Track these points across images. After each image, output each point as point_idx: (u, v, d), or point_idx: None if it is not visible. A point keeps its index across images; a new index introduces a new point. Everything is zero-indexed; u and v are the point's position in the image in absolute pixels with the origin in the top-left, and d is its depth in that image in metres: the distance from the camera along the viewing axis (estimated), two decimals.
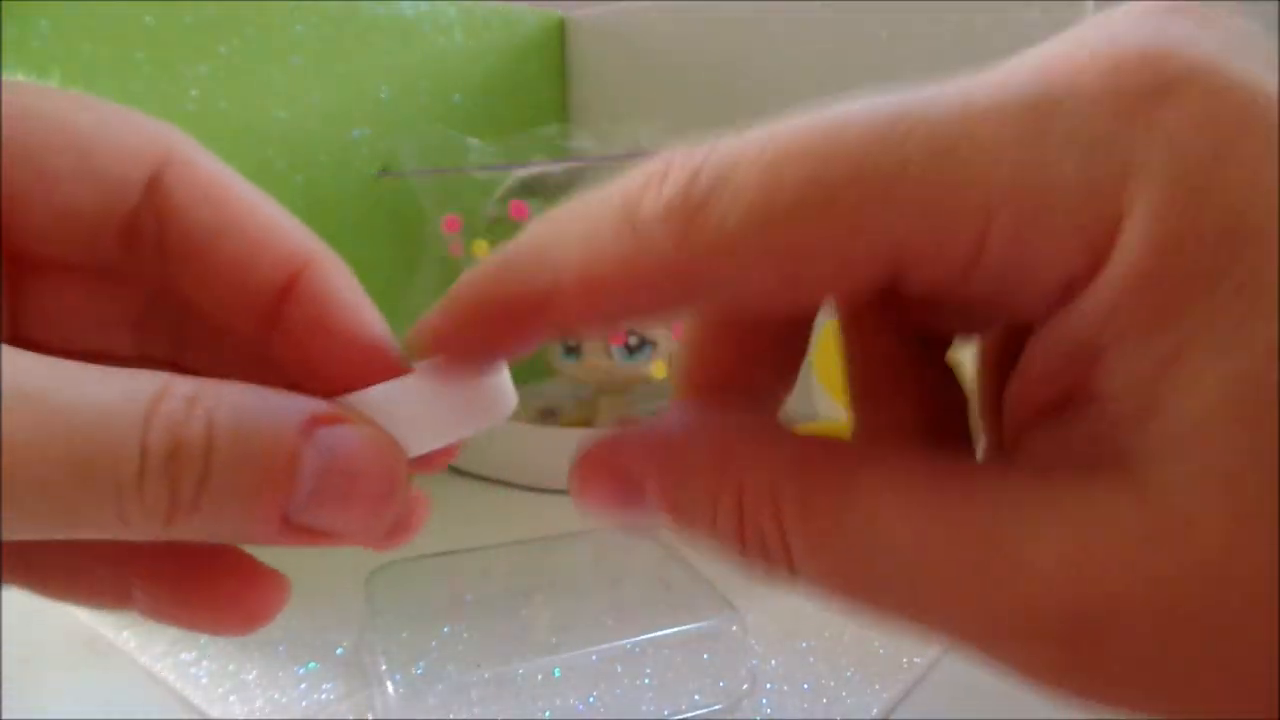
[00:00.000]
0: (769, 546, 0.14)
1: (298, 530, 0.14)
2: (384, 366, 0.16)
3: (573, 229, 0.14)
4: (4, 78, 0.19)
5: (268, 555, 0.40)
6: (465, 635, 0.29)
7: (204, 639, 0.34)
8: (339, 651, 0.33)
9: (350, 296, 0.17)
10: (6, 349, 0.13)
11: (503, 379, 0.18)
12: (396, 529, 0.18)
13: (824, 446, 0.14)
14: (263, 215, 0.17)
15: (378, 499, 0.15)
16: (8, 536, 0.13)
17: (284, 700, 0.30)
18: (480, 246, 0.48)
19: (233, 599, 0.17)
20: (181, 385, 0.13)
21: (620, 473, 0.16)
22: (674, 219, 0.13)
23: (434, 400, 0.16)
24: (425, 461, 0.16)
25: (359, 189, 0.47)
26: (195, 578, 0.17)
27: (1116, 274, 0.11)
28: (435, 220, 0.48)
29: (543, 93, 0.57)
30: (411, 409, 0.16)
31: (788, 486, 0.13)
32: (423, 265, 0.49)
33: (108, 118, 0.16)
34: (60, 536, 0.13)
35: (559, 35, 0.58)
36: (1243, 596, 0.11)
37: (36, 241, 0.16)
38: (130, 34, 0.37)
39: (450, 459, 0.18)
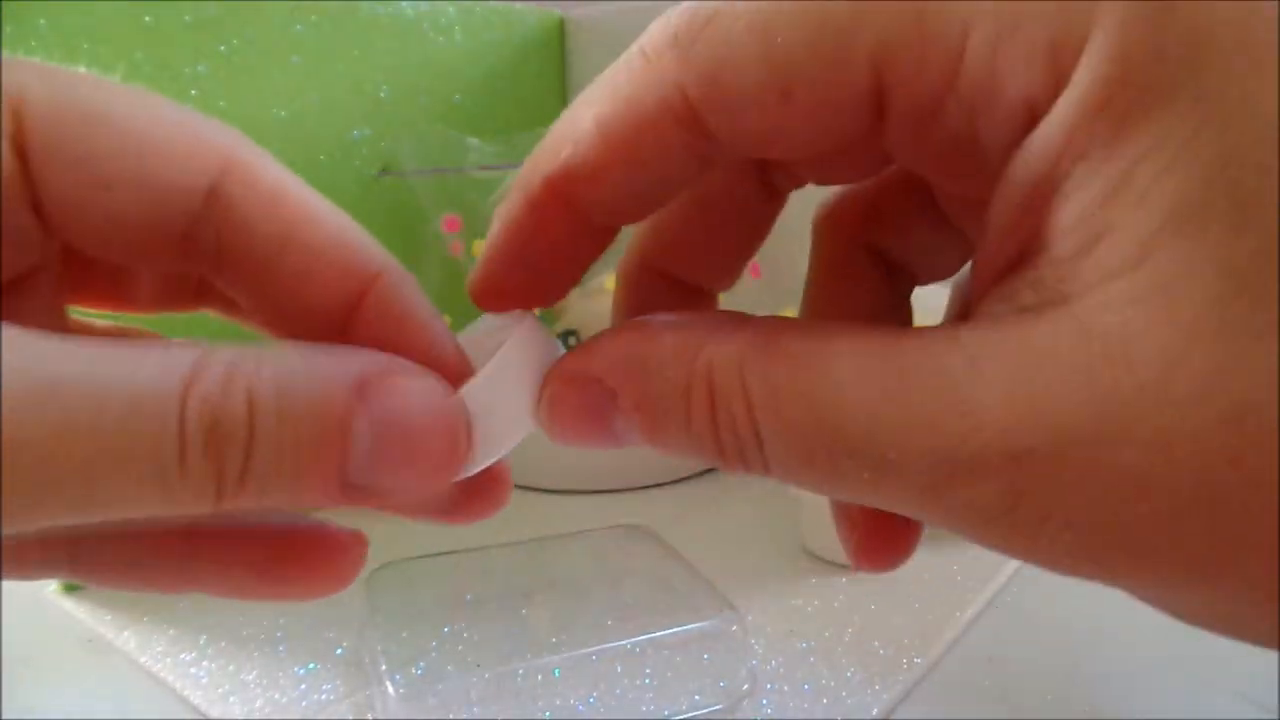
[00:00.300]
0: (740, 433, 0.14)
1: (359, 491, 0.14)
2: (455, 382, 0.16)
3: (591, 93, 0.14)
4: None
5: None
6: (465, 635, 0.29)
7: (203, 639, 0.34)
8: (339, 651, 0.33)
9: (420, 313, 0.16)
10: (32, 333, 0.12)
11: (555, 349, 0.18)
12: (475, 500, 0.18)
13: (786, 324, 0.14)
14: (329, 227, 0.16)
15: (440, 455, 0.14)
16: (51, 523, 0.12)
17: (284, 700, 0.30)
18: (480, 246, 0.48)
19: (314, 563, 0.17)
20: (218, 356, 0.13)
21: (590, 383, 0.16)
22: (681, 40, 0.13)
23: (504, 390, 0.16)
24: (492, 483, 0.16)
25: (359, 189, 0.47)
26: (267, 549, 0.16)
27: (1076, 93, 0.11)
28: (435, 220, 0.48)
29: (543, 93, 0.57)
30: (485, 401, 0.15)
31: (754, 362, 0.13)
32: (423, 265, 0.49)
33: (168, 120, 0.15)
34: (108, 518, 0.13)
35: (559, 35, 0.58)
36: (1182, 418, 0.10)
37: (92, 245, 0.15)
38: (129, 33, 0.37)
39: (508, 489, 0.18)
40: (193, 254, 0.16)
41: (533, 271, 0.16)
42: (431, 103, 0.50)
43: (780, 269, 0.50)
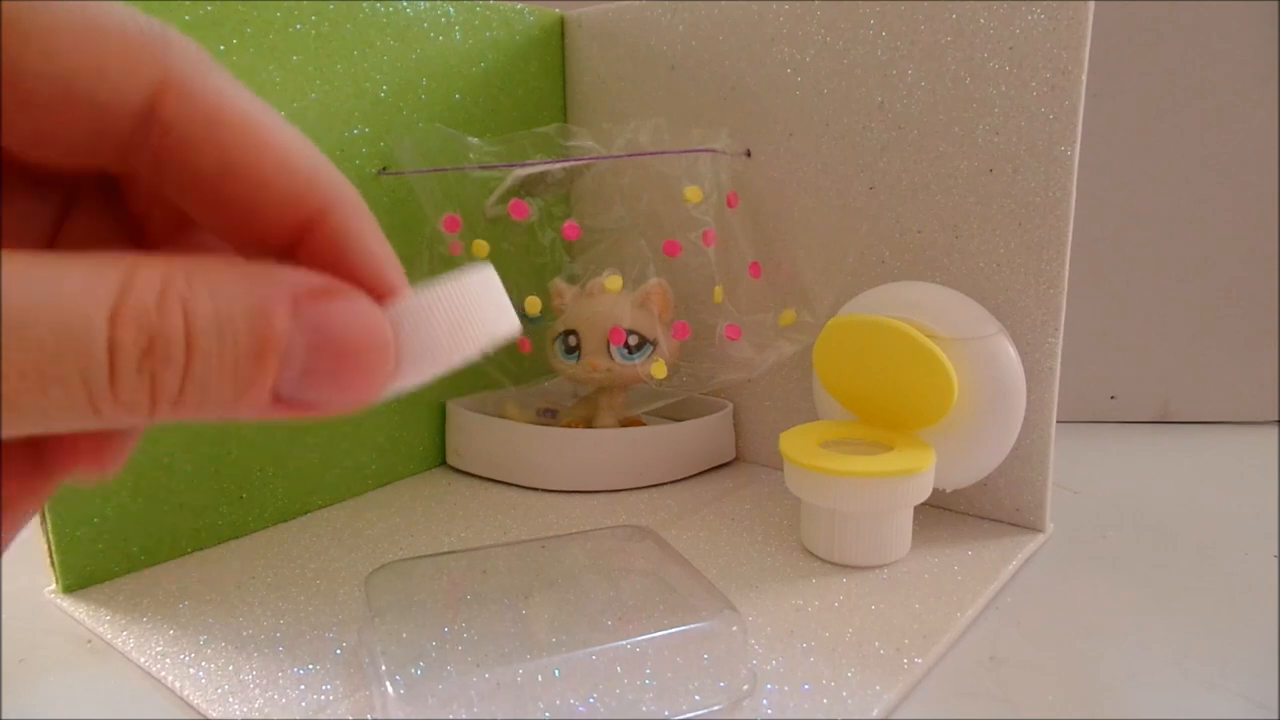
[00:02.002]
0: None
1: (288, 405, 0.14)
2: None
3: None
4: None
5: (264, 551, 0.39)
6: (465, 635, 0.29)
7: (203, 639, 0.34)
8: (338, 651, 0.33)
9: (368, 242, 0.16)
10: None
11: (498, 297, 0.17)
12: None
13: None
14: (273, 155, 0.15)
15: (371, 373, 0.15)
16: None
17: (283, 700, 0.30)
18: (480, 246, 0.48)
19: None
20: (150, 269, 0.13)
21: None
22: None
23: (432, 320, 0.16)
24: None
25: (359, 188, 0.47)
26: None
27: None
28: (435, 219, 0.48)
29: (542, 92, 0.57)
30: (414, 322, 0.16)
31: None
32: (422, 264, 0.49)
33: (101, 26, 0.14)
34: (33, 433, 0.12)
35: (559, 34, 0.58)
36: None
37: (19, 155, 0.15)
38: None
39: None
40: (130, 172, 0.16)
41: None
42: (431, 102, 0.50)
43: (780, 269, 0.50)
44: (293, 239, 0.16)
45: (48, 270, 0.12)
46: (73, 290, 0.12)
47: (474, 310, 0.16)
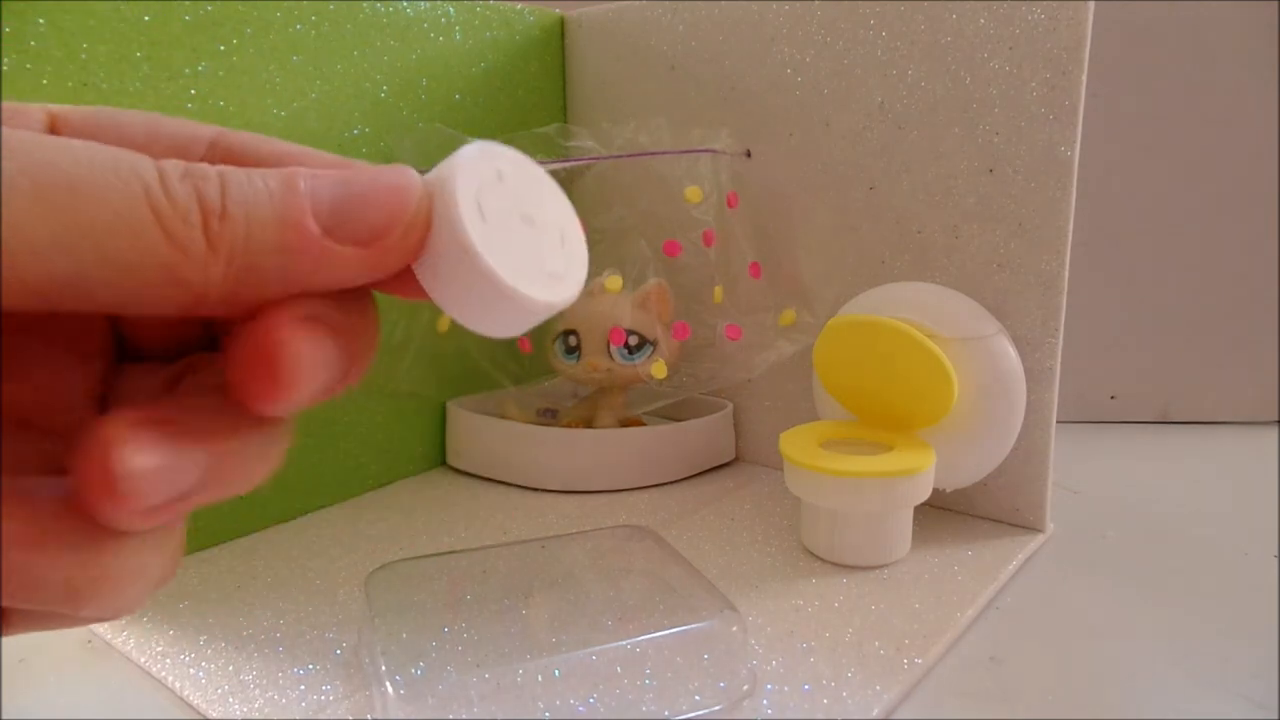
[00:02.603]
0: None
1: (337, 235, 0.15)
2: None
3: None
4: (1, 78, 0.19)
5: (264, 551, 0.40)
6: (465, 635, 0.29)
7: (203, 639, 0.34)
8: (338, 652, 0.33)
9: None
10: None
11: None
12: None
13: None
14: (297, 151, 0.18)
15: (391, 216, 0.16)
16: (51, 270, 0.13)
17: (283, 701, 0.30)
18: None
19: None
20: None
21: None
22: None
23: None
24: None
25: None
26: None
27: None
28: None
29: (543, 92, 0.57)
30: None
31: None
32: None
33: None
34: (106, 267, 0.13)
35: (559, 34, 0.58)
36: None
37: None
38: (128, 32, 0.37)
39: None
40: None
41: None
42: (431, 101, 0.50)
43: (780, 269, 0.50)
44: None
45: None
46: (118, 151, 0.14)
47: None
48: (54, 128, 0.17)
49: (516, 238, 0.17)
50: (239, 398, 0.15)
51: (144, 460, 0.14)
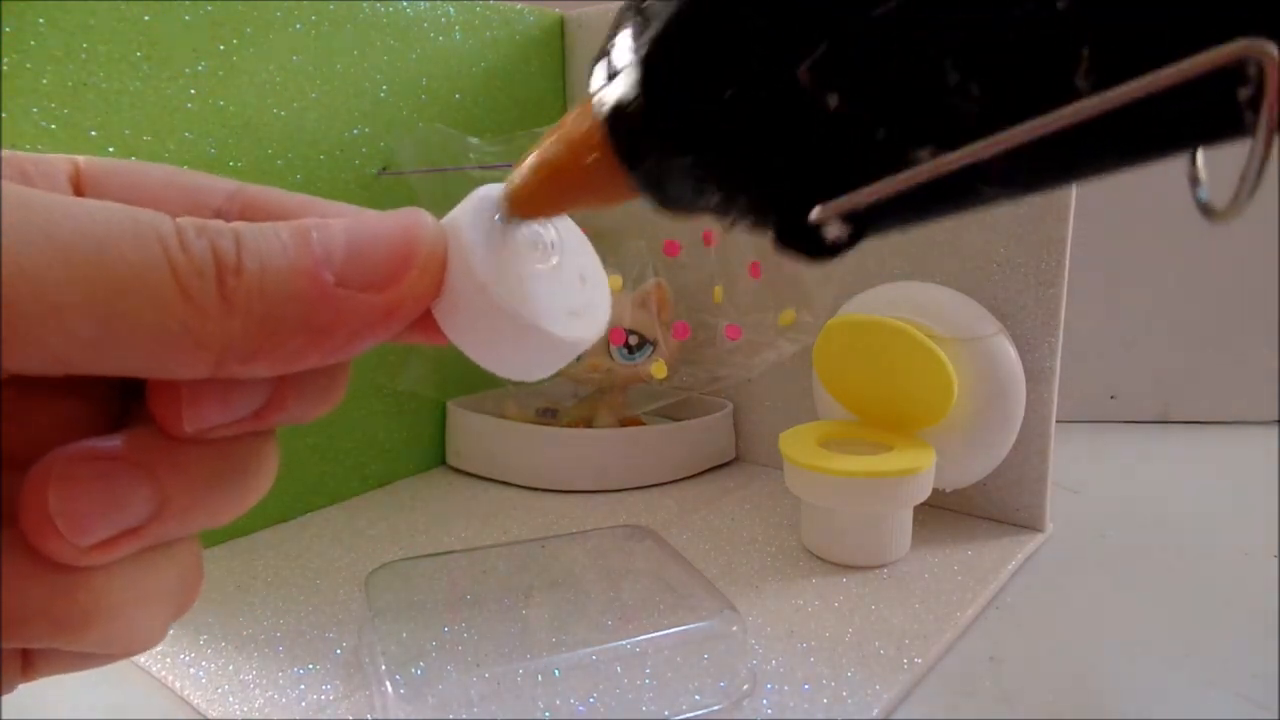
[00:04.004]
0: None
1: (348, 284, 0.15)
2: None
3: None
4: (2, 78, 0.19)
5: (264, 551, 0.40)
6: (465, 635, 0.29)
7: (203, 639, 0.34)
8: (338, 651, 0.33)
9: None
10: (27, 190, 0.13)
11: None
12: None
13: None
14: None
15: (404, 258, 0.16)
16: (64, 338, 0.13)
17: (283, 700, 0.30)
18: None
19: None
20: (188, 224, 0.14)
21: None
22: None
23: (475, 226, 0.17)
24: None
25: (358, 188, 0.47)
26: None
27: None
28: None
29: (542, 92, 0.57)
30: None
31: None
32: None
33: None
34: (116, 325, 0.13)
35: (559, 34, 0.58)
36: None
37: None
38: (128, 32, 0.37)
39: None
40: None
41: None
42: (431, 101, 0.50)
43: (780, 269, 0.49)
44: None
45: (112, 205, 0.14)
46: (136, 211, 0.14)
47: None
48: (78, 179, 0.17)
49: (534, 275, 0.17)
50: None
51: (74, 499, 0.14)
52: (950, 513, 0.45)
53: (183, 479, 0.15)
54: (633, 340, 0.48)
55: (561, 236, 0.18)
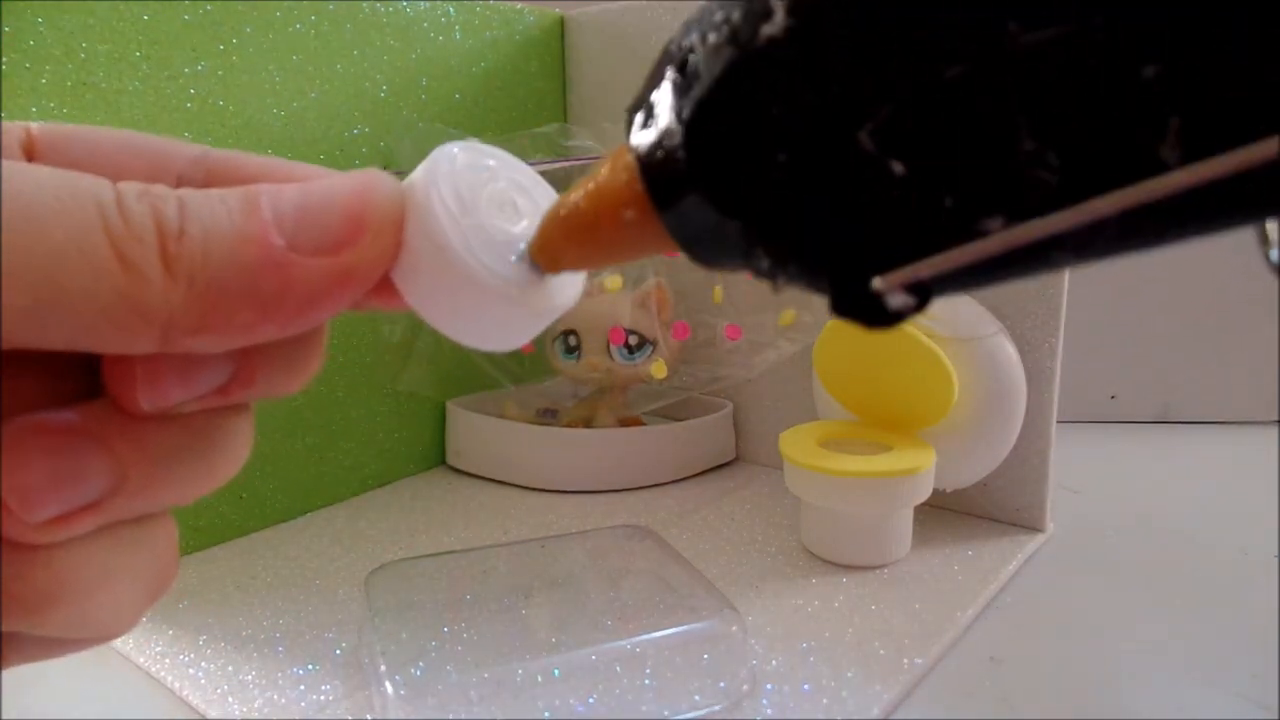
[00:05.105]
0: None
1: (299, 250, 0.14)
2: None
3: None
4: (2, 78, 0.19)
5: (264, 551, 0.40)
6: (465, 635, 0.29)
7: (202, 639, 0.34)
8: (338, 652, 0.33)
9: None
10: None
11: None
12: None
13: None
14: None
15: (358, 220, 0.15)
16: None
17: (283, 701, 0.30)
18: None
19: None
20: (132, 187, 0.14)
21: None
22: None
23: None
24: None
25: None
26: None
27: None
28: None
29: (542, 91, 0.57)
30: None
31: None
32: None
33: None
34: (64, 295, 0.13)
35: (559, 34, 0.58)
36: None
37: None
38: (128, 32, 0.37)
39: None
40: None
41: None
42: (431, 102, 0.50)
43: None
44: None
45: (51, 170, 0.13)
46: (74, 177, 0.13)
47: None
48: (30, 145, 0.16)
49: (501, 238, 0.16)
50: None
51: (24, 471, 0.14)
52: (950, 513, 0.45)
53: (143, 453, 0.15)
54: (633, 340, 0.48)
55: (535, 200, 0.17)
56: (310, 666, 0.32)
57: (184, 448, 0.15)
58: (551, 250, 0.16)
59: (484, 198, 0.16)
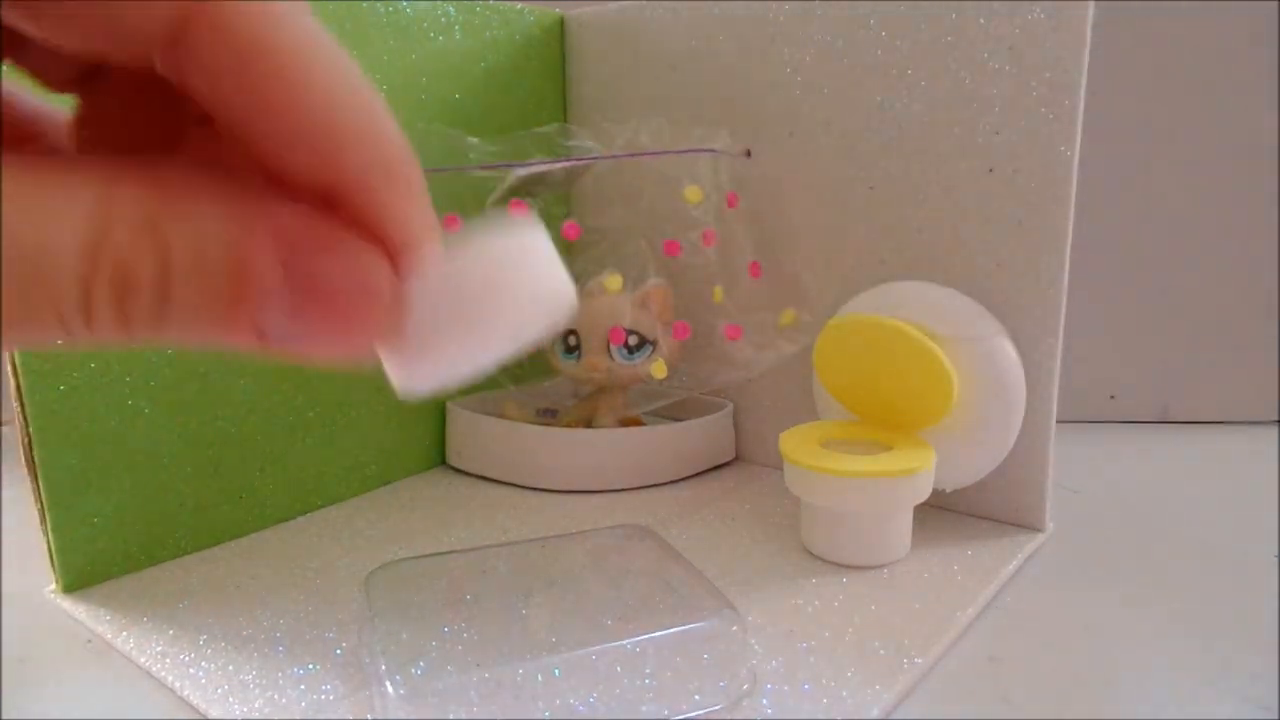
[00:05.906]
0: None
1: (277, 343, 0.14)
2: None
3: None
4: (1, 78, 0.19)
5: (264, 551, 0.39)
6: (465, 635, 0.29)
7: (202, 639, 0.34)
8: (338, 652, 0.33)
9: (397, 206, 0.15)
10: None
11: (553, 265, 0.16)
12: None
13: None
14: (311, 105, 0.13)
15: (361, 327, 0.14)
16: None
17: (283, 700, 0.30)
18: None
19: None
20: (127, 197, 0.13)
21: None
22: None
23: (463, 285, 0.15)
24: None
25: None
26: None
27: None
28: None
29: (542, 91, 0.57)
30: (438, 295, 0.15)
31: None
32: None
33: None
34: (20, 348, 0.13)
35: (559, 34, 0.58)
36: None
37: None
38: None
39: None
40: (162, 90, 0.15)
41: None
42: (431, 102, 0.50)
43: (780, 269, 0.50)
44: (322, 193, 0.15)
45: (31, 191, 0.12)
46: (54, 221, 0.12)
47: (518, 275, 0.15)
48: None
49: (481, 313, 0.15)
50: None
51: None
52: (950, 513, 0.45)
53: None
54: (633, 340, 0.48)
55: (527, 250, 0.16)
56: (310, 666, 0.32)
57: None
58: None
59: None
